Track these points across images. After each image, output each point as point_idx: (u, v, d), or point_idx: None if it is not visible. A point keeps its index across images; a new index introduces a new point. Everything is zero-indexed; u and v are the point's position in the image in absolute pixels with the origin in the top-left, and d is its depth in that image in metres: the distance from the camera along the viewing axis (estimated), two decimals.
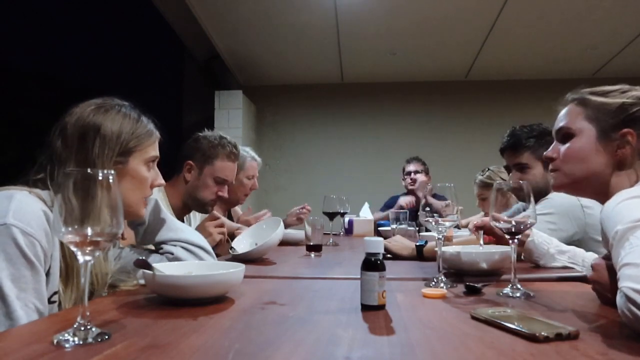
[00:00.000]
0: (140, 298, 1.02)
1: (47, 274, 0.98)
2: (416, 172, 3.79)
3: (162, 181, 1.25)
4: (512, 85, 5.79)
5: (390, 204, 3.86)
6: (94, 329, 0.70)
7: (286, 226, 2.86)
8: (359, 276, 0.92)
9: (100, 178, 0.72)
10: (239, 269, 1.04)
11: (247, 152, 2.66)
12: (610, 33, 4.46)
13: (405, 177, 3.84)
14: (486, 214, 2.38)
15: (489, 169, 2.91)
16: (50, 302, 0.99)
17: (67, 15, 4.02)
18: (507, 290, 1.06)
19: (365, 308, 0.91)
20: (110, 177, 0.73)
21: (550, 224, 1.73)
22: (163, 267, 1.04)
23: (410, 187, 3.82)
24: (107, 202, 0.72)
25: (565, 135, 1.17)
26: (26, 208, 0.96)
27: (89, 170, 0.72)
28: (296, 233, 2.44)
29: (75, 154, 1.07)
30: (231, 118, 5.34)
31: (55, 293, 1.00)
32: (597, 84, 1.17)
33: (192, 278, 0.97)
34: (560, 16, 4.13)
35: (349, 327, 0.79)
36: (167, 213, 1.33)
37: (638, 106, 1.10)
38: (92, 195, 0.71)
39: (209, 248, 1.33)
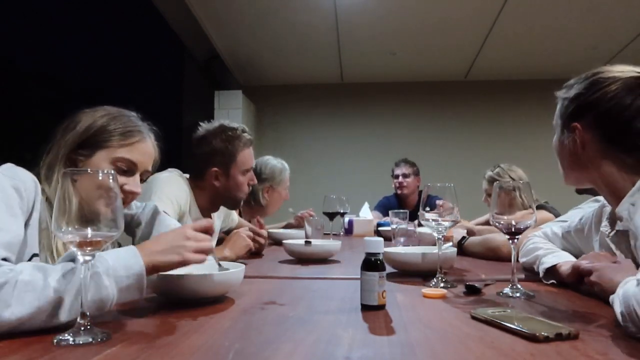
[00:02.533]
0: (140, 298, 1.02)
1: (26, 225, 0.93)
2: (404, 175, 3.78)
3: (137, 189, 1.13)
4: (512, 85, 5.79)
5: (382, 203, 3.86)
6: (94, 329, 0.70)
7: (289, 227, 2.88)
8: (359, 276, 0.92)
9: (100, 178, 0.72)
10: (239, 269, 1.03)
11: (279, 162, 2.70)
12: (610, 33, 4.46)
13: (394, 180, 3.84)
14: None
15: (499, 166, 2.87)
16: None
17: (67, 15, 4.02)
18: (507, 290, 1.05)
19: (365, 308, 0.91)
20: (111, 177, 0.73)
21: None
22: None
23: (398, 192, 3.82)
24: (105, 202, 0.71)
25: None
26: (18, 169, 0.96)
27: (88, 170, 0.72)
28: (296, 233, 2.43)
29: (56, 142, 1.07)
30: (231, 118, 5.31)
31: (34, 255, 0.96)
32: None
33: (192, 278, 0.96)
34: (559, 16, 4.13)
35: (349, 327, 0.79)
36: (166, 219, 1.30)
37: (584, 95, 1.04)
38: (91, 195, 0.70)
39: None
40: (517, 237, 1.08)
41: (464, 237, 1.79)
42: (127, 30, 4.39)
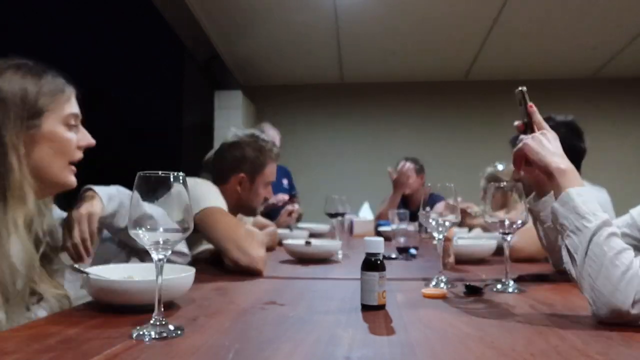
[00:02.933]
0: None
1: None
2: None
3: (91, 140, 1.08)
4: (512, 85, 5.64)
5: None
6: (169, 325, 0.74)
7: (279, 226, 2.87)
8: (359, 276, 0.92)
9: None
10: (188, 274, 0.95)
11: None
12: (610, 33, 4.46)
13: None
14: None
15: (497, 164, 2.86)
16: None
17: (66, 15, 4.02)
18: (500, 286, 1.09)
19: (365, 308, 0.91)
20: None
21: None
22: (101, 270, 0.95)
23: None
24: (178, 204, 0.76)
25: None
26: None
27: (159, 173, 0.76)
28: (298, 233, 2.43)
29: None
30: (231, 118, 5.34)
31: None
32: (597, 84, 1.19)
33: (131, 283, 0.90)
34: (560, 16, 4.13)
35: (349, 327, 0.79)
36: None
37: None
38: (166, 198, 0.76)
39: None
40: (510, 234, 1.12)
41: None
42: (126, 30, 4.38)
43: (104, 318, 0.83)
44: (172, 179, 0.75)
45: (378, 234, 2.81)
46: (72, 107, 1.05)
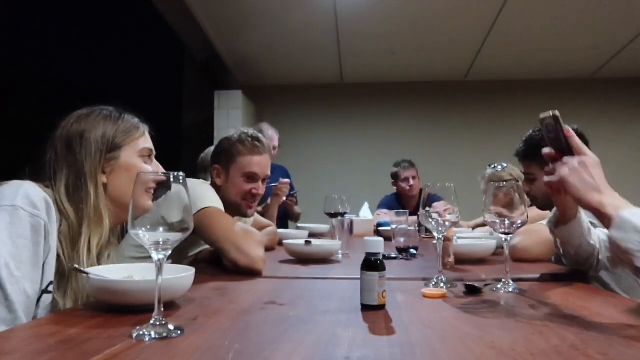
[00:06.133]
0: None
1: (44, 263, 0.98)
2: (413, 177, 3.79)
3: (162, 169, 1.24)
4: (512, 85, 5.79)
5: (385, 202, 3.85)
6: (169, 325, 0.73)
7: (271, 209, 2.85)
8: (359, 276, 0.92)
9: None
10: (188, 274, 0.95)
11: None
12: (609, 33, 4.46)
13: (402, 183, 3.83)
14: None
15: (498, 165, 2.86)
16: (46, 291, 0.99)
17: (65, 15, 4.02)
18: (500, 286, 1.09)
19: (365, 308, 0.91)
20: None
21: None
22: (102, 270, 0.95)
23: (410, 195, 3.81)
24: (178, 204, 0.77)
25: None
26: (33, 193, 0.99)
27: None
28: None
29: (66, 160, 1.11)
30: (231, 118, 5.34)
31: (50, 283, 1.00)
32: (597, 84, 1.19)
33: (131, 283, 0.90)
34: (559, 16, 4.13)
35: (349, 327, 0.79)
36: None
37: None
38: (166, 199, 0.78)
39: None
40: (509, 235, 1.12)
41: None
42: (126, 30, 4.38)
43: (104, 318, 0.83)
44: (172, 179, 0.75)
45: (378, 233, 2.81)
46: (146, 142, 1.22)
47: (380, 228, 2.82)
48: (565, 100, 5.72)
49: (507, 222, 1.10)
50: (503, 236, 1.13)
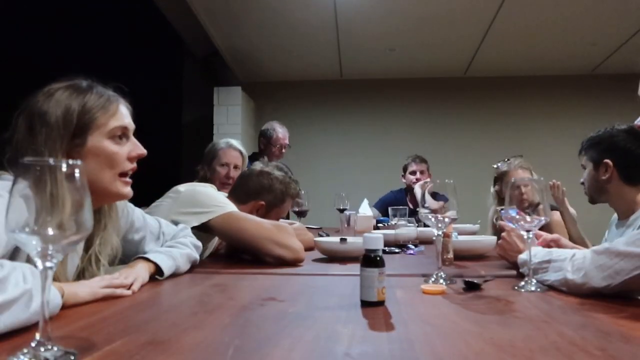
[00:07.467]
0: (140, 294, 1.02)
1: None
2: (422, 171, 3.78)
3: (142, 151, 1.12)
4: (511, 81, 5.79)
5: (388, 199, 3.84)
6: (55, 348, 0.58)
7: None
8: (358, 272, 0.93)
9: (64, 169, 0.60)
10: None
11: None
12: (609, 29, 4.46)
13: (410, 175, 3.82)
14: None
15: (508, 160, 2.81)
16: None
17: (64, 11, 4.01)
18: (522, 283, 1.08)
19: (365, 304, 0.91)
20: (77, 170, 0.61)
21: None
22: None
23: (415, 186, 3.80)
24: (70, 198, 0.61)
25: None
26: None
27: (51, 161, 0.60)
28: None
29: (28, 145, 0.98)
30: (230, 114, 5.34)
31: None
32: (596, 80, 1.18)
33: None
34: (559, 12, 4.12)
35: (348, 323, 0.79)
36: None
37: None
38: (52, 190, 0.61)
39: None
40: (530, 232, 1.11)
41: None
42: (125, 26, 4.36)
43: None
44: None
45: (378, 229, 2.81)
46: (118, 120, 1.07)
47: (380, 224, 2.83)
48: (564, 96, 5.73)
49: (528, 218, 1.10)
50: (524, 233, 1.13)
